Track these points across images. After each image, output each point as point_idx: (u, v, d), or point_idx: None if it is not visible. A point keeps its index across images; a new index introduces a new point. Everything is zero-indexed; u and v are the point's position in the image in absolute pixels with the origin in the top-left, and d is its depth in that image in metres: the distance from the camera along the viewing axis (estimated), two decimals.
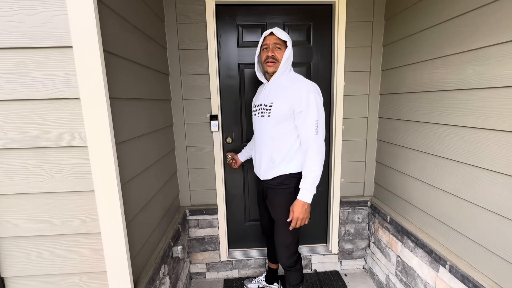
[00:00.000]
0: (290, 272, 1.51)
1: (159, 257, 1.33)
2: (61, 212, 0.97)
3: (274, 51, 1.30)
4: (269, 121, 1.34)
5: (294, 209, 1.30)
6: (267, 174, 1.41)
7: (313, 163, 1.27)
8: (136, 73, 1.22)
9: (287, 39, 1.30)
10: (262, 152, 1.41)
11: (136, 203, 1.17)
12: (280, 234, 1.44)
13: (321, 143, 1.29)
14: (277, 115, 1.31)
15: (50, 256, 1.00)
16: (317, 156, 1.27)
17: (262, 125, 1.39)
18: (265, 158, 1.39)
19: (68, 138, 0.92)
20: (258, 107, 1.43)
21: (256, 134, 1.48)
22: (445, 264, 1.27)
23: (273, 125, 1.33)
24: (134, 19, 1.21)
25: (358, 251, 2.12)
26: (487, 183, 1.10)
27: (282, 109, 1.30)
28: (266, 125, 1.37)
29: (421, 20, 1.46)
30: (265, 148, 1.39)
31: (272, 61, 1.31)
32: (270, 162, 1.38)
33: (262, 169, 1.42)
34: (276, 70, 1.32)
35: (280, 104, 1.30)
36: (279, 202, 1.41)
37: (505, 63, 1.01)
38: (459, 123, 1.22)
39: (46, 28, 0.85)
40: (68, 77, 0.88)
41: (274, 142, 1.35)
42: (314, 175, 1.28)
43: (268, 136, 1.37)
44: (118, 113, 1.02)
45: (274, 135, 1.35)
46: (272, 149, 1.36)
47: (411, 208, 1.62)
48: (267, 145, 1.38)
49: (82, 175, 0.95)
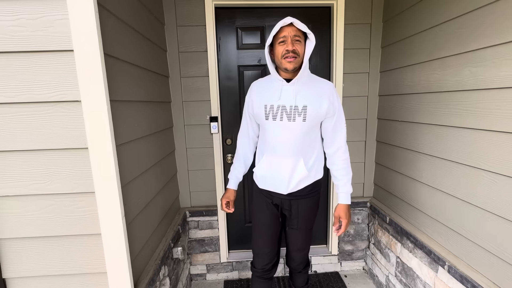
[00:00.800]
0: (301, 274, 1.53)
1: (159, 258, 1.34)
2: (62, 214, 0.98)
3: (295, 45, 1.11)
4: (303, 125, 1.19)
5: (343, 215, 1.29)
6: (299, 185, 1.28)
7: (349, 165, 1.31)
8: (136, 76, 1.23)
9: (308, 32, 1.11)
10: (289, 162, 1.23)
11: (136, 204, 1.18)
12: (303, 240, 1.41)
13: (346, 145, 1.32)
14: (313, 118, 1.19)
15: (51, 257, 1.01)
16: (349, 158, 1.32)
17: (292, 130, 1.20)
18: (299, 167, 1.24)
19: (69, 140, 0.93)
20: (279, 110, 1.20)
21: (279, 142, 1.23)
22: (444, 264, 1.28)
23: (307, 130, 1.21)
24: (134, 23, 1.22)
25: (358, 252, 2.12)
26: (485, 183, 1.11)
27: (319, 112, 1.19)
28: (298, 130, 1.20)
29: (419, 22, 1.47)
30: (294, 156, 1.23)
31: (294, 56, 1.11)
32: (305, 170, 1.24)
33: (294, 180, 1.25)
34: (297, 66, 1.14)
35: (317, 106, 1.18)
36: (310, 209, 1.36)
37: (500, 64, 1.02)
38: (457, 124, 1.23)
39: (48, 32, 0.86)
40: (69, 80, 0.89)
41: (305, 148, 1.24)
42: (351, 176, 1.31)
43: (300, 142, 1.22)
44: (119, 115, 1.04)
45: (305, 141, 1.23)
46: (304, 157, 1.24)
47: (410, 209, 1.63)
48: (298, 153, 1.23)
49: (82, 176, 0.96)
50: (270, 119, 1.22)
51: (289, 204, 1.33)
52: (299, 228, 1.37)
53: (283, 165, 1.25)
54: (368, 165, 2.04)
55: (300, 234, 1.39)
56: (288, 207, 1.35)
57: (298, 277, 1.54)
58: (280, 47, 1.13)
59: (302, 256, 1.47)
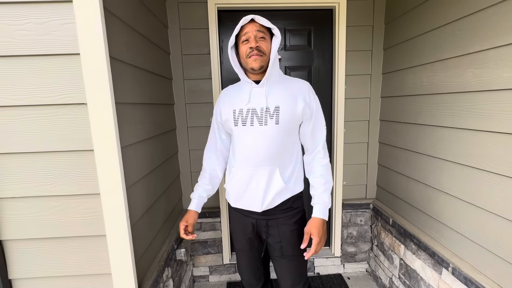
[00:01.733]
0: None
1: (163, 259, 1.35)
2: (68, 215, 0.99)
3: (258, 41, 1.01)
4: (277, 128, 1.05)
5: (315, 231, 1.07)
6: (274, 201, 1.10)
7: (328, 172, 1.13)
8: (140, 78, 1.25)
9: (272, 27, 1.03)
10: (263, 173, 1.08)
11: (141, 206, 1.19)
12: (294, 271, 1.18)
13: (326, 151, 1.17)
14: (288, 121, 1.06)
15: (57, 258, 1.02)
16: (329, 165, 1.15)
17: (264, 135, 1.06)
18: (275, 178, 1.08)
19: (75, 143, 0.94)
20: (250, 114, 1.07)
21: (251, 150, 1.08)
22: (448, 266, 1.27)
23: (282, 134, 1.07)
24: (139, 26, 1.24)
25: (361, 254, 2.11)
26: (489, 185, 1.11)
27: (294, 113, 1.06)
28: (270, 135, 1.06)
29: (421, 24, 1.47)
30: (269, 165, 1.07)
31: (258, 54, 1.01)
32: (281, 181, 1.08)
33: (270, 194, 1.09)
34: (264, 65, 1.04)
35: (291, 107, 1.06)
36: (295, 231, 1.15)
37: (503, 66, 1.02)
38: (460, 125, 1.23)
39: (55, 36, 0.88)
40: (76, 83, 0.91)
41: (281, 156, 1.09)
42: (330, 186, 1.13)
43: (274, 148, 1.06)
44: (124, 118, 1.05)
45: (281, 147, 1.07)
46: (280, 166, 1.09)
47: (413, 211, 1.62)
48: (272, 161, 1.07)
49: (88, 178, 0.97)
50: (240, 125, 1.09)
51: (266, 225, 1.15)
52: (286, 256, 1.15)
53: (256, 178, 1.09)
54: (371, 166, 2.03)
55: (289, 264, 1.16)
56: (265, 229, 1.15)
57: None
58: (244, 46, 1.03)
59: (300, 283, 1.20)
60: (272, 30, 1.04)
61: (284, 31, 1.90)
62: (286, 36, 1.91)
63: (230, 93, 1.18)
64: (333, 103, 1.97)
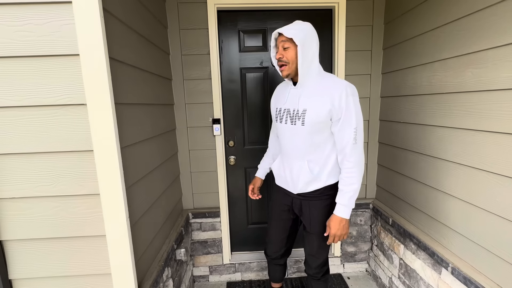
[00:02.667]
0: (318, 282, 1.43)
1: (163, 259, 1.35)
2: (68, 215, 0.99)
3: (283, 53, 1.14)
4: (303, 129, 1.18)
5: (331, 225, 1.19)
6: (306, 187, 1.26)
7: (351, 175, 1.15)
8: (140, 79, 1.25)
9: (291, 36, 1.09)
10: (295, 164, 1.26)
11: (140, 206, 1.19)
12: (317, 246, 1.34)
13: (359, 153, 1.15)
14: (313, 123, 1.15)
15: (57, 258, 1.02)
16: (356, 167, 1.15)
17: (295, 134, 1.21)
18: (304, 170, 1.23)
19: (74, 143, 0.94)
20: (285, 113, 1.24)
21: (286, 144, 1.27)
22: (447, 266, 1.27)
23: (309, 134, 1.18)
24: (138, 27, 1.24)
25: (361, 253, 2.12)
26: (488, 185, 1.11)
27: (318, 116, 1.14)
28: (299, 134, 1.20)
29: (420, 24, 1.48)
30: (299, 159, 1.24)
31: (283, 64, 1.15)
32: (309, 173, 1.22)
33: (300, 182, 1.25)
34: (291, 73, 1.17)
35: (316, 110, 1.14)
36: (323, 213, 1.28)
37: (502, 66, 1.02)
38: (459, 125, 1.23)
39: (55, 37, 0.88)
40: (75, 84, 0.91)
41: (311, 152, 1.22)
42: (352, 188, 1.15)
43: (302, 145, 1.21)
44: (124, 118, 1.05)
45: (310, 144, 1.20)
46: (309, 160, 1.23)
47: (413, 210, 1.62)
48: (302, 156, 1.23)
49: (88, 179, 0.97)
50: (279, 122, 1.29)
51: (300, 204, 1.32)
52: (313, 233, 1.32)
53: (288, 166, 1.30)
54: (371, 166, 2.04)
55: (314, 239, 1.33)
56: (298, 207, 1.33)
57: (314, 285, 1.44)
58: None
59: (317, 263, 1.37)
60: (293, 39, 1.10)
61: None
62: None
63: (278, 91, 1.38)
64: None
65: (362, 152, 1.17)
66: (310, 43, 1.12)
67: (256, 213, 2.10)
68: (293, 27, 1.12)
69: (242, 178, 2.06)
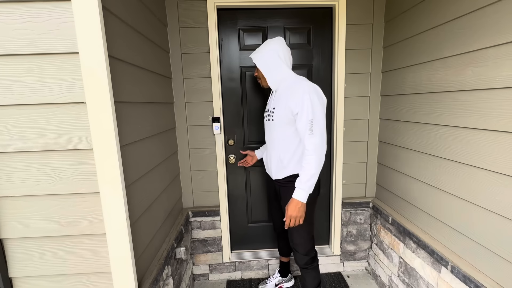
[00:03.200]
0: (307, 271, 1.51)
1: (163, 258, 1.35)
2: (68, 214, 0.99)
3: (257, 71, 1.50)
4: (274, 124, 1.43)
5: (288, 207, 1.31)
6: (278, 174, 1.47)
7: (308, 161, 1.28)
8: (139, 77, 1.25)
9: (255, 61, 1.41)
10: (271, 154, 1.49)
11: (140, 204, 1.19)
12: (295, 234, 1.46)
13: (316, 142, 1.27)
14: (278, 119, 1.39)
15: (57, 256, 1.02)
16: (312, 155, 1.28)
17: (270, 128, 1.48)
18: (275, 159, 1.46)
19: (74, 141, 0.94)
20: (266, 113, 1.53)
21: (267, 137, 1.56)
22: (447, 264, 1.27)
23: (278, 128, 1.41)
24: (138, 25, 1.23)
25: (361, 252, 2.12)
26: (488, 183, 1.11)
27: (281, 113, 1.37)
28: (272, 128, 1.45)
29: (420, 22, 1.47)
30: (274, 149, 1.47)
31: (259, 80, 1.52)
32: (279, 162, 1.44)
33: (273, 169, 1.49)
34: (266, 85, 1.48)
35: (280, 108, 1.37)
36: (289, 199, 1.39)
37: (503, 64, 1.02)
38: (459, 124, 1.23)
39: (54, 35, 0.88)
40: (75, 82, 0.91)
41: (281, 144, 1.42)
42: (308, 173, 1.28)
43: (275, 138, 1.44)
44: (123, 117, 1.05)
45: (280, 137, 1.42)
46: (279, 151, 1.43)
47: (412, 209, 1.62)
48: (275, 147, 1.45)
49: (87, 177, 0.97)
50: (265, 120, 1.56)
51: (279, 189, 1.52)
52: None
53: (268, 155, 1.55)
54: (370, 165, 2.04)
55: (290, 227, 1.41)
56: (278, 192, 1.55)
57: (303, 276, 1.55)
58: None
59: (299, 250, 1.48)
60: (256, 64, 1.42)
61: (284, 29, 1.90)
62: (286, 34, 1.91)
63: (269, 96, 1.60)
64: (332, 101, 1.97)
65: (320, 142, 1.28)
66: (271, 61, 1.37)
67: (256, 212, 2.11)
68: (257, 51, 1.41)
69: (242, 177, 2.06)
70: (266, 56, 1.38)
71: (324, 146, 1.31)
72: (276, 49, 1.37)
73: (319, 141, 1.28)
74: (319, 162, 1.29)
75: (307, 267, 1.50)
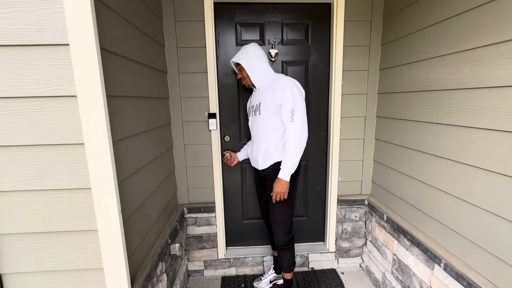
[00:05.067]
0: (284, 251, 1.66)
1: (156, 254, 1.34)
2: (59, 210, 0.97)
3: (240, 73, 1.59)
4: (261, 117, 1.54)
5: (274, 185, 1.50)
6: (264, 164, 1.58)
7: (289, 145, 1.45)
8: (133, 71, 1.22)
9: (239, 61, 1.52)
10: (259, 146, 1.59)
11: (134, 200, 1.18)
12: (274, 212, 1.60)
13: (295, 129, 1.43)
14: (265, 112, 1.51)
15: (48, 253, 1.00)
16: (292, 140, 1.44)
17: (257, 122, 1.58)
18: (262, 150, 1.57)
19: (65, 136, 0.92)
20: (251, 109, 1.65)
21: (253, 131, 1.66)
22: (440, 262, 1.28)
23: (265, 120, 1.52)
24: (131, 17, 1.20)
25: (355, 249, 2.13)
26: (482, 182, 1.11)
27: (267, 106, 1.49)
28: (259, 121, 1.56)
29: (419, 19, 1.46)
30: (261, 141, 1.57)
31: (243, 80, 1.61)
32: (266, 152, 1.56)
33: (260, 160, 1.59)
34: (250, 84, 1.58)
35: (266, 102, 1.50)
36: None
37: (500, 63, 1.01)
38: (456, 122, 1.23)
39: (43, 26, 0.85)
40: (65, 75, 0.88)
41: (268, 135, 1.54)
42: (289, 153, 1.44)
43: (262, 130, 1.55)
44: (116, 111, 1.03)
45: (267, 129, 1.53)
46: (267, 141, 1.55)
47: (407, 207, 1.63)
48: (262, 138, 1.56)
49: (79, 172, 0.95)
50: (249, 115, 1.69)
51: (265, 179, 1.63)
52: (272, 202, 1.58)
53: (255, 148, 1.64)
54: (366, 163, 2.04)
55: (273, 208, 1.60)
56: (266, 182, 1.64)
57: (280, 256, 1.68)
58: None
59: (278, 230, 1.62)
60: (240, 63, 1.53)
61: (281, 24, 1.87)
62: (283, 30, 1.88)
63: (251, 96, 1.72)
64: (329, 98, 1.96)
65: (300, 128, 1.43)
66: (254, 61, 1.51)
67: (252, 208, 2.10)
68: (238, 54, 1.54)
69: (237, 173, 2.05)
70: (248, 57, 1.51)
71: (304, 132, 1.45)
72: (256, 51, 1.52)
73: (299, 127, 1.43)
74: (299, 144, 1.44)
75: (285, 248, 1.65)
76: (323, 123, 2.02)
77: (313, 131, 2.01)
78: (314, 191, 2.11)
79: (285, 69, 1.93)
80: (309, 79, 1.95)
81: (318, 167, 2.08)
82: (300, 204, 2.12)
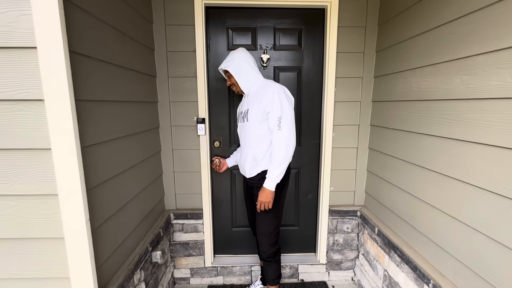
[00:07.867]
0: (269, 263, 1.62)
1: (133, 262, 1.30)
2: (25, 216, 0.95)
3: (229, 79, 1.55)
4: (249, 124, 1.50)
5: (259, 194, 1.46)
6: (252, 172, 1.54)
7: (275, 154, 1.40)
8: (112, 75, 1.20)
9: (226, 68, 1.49)
10: (247, 153, 1.55)
11: (108, 207, 1.14)
12: (260, 222, 1.56)
13: (282, 137, 1.38)
14: (253, 119, 1.47)
15: (13, 260, 0.98)
16: (279, 149, 1.39)
17: (245, 129, 1.55)
18: (249, 158, 1.53)
19: (32, 140, 0.90)
20: (240, 115, 1.61)
21: (241, 138, 1.62)
22: (429, 282, 1.21)
23: (252, 127, 1.49)
24: (111, 20, 1.19)
25: (347, 262, 2.05)
26: (472, 199, 1.05)
27: (254, 113, 1.45)
28: (247, 128, 1.52)
29: (411, 26, 1.41)
30: (249, 148, 1.53)
31: (232, 87, 1.57)
32: (254, 160, 1.52)
33: (247, 168, 1.55)
34: (240, 90, 1.53)
35: (253, 109, 1.46)
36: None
37: (491, 73, 0.95)
38: (445, 134, 1.17)
39: (11, 28, 0.83)
40: (33, 78, 0.86)
41: (255, 142, 1.50)
42: (275, 163, 1.40)
43: (250, 137, 1.51)
44: (89, 116, 1.00)
45: (254, 136, 1.49)
46: (254, 149, 1.51)
47: (398, 221, 1.56)
48: (250, 146, 1.52)
49: (46, 178, 0.92)
50: (238, 122, 1.65)
51: (253, 187, 1.59)
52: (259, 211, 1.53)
53: (243, 155, 1.60)
54: (360, 173, 1.97)
55: (259, 217, 1.56)
56: (253, 190, 1.60)
57: (265, 268, 1.65)
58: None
59: (264, 241, 1.57)
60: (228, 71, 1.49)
61: (274, 30, 1.84)
62: (276, 35, 1.85)
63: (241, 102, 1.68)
64: (322, 105, 1.91)
65: (287, 136, 1.39)
66: (242, 67, 1.47)
67: (241, 216, 2.05)
68: (226, 60, 1.50)
69: (227, 180, 2.00)
70: (236, 63, 1.48)
71: (291, 140, 1.40)
72: (244, 56, 1.48)
73: (286, 135, 1.39)
74: (286, 153, 1.39)
75: (270, 260, 1.61)
76: (315, 131, 1.96)
77: (305, 139, 1.96)
78: (305, 200, 2.05)
79: (277, 75, 1.89)
80: (301, 85, 1.91)
81: (310, 175, 2.02)
82: (291, 213, 2.06)
